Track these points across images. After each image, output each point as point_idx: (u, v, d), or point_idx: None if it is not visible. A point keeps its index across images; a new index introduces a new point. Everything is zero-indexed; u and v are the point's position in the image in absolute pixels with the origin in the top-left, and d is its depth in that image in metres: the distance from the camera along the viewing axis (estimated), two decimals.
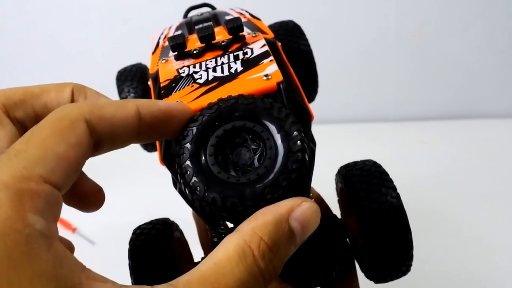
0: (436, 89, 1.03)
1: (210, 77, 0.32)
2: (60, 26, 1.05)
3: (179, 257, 0.37)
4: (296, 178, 0.25)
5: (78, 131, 0.23)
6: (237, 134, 0.27)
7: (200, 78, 0.32)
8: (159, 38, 0.44)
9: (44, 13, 1.04)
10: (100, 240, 0.75)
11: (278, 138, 0.26)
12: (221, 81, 0.31)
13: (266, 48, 0.34)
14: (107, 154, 0.26)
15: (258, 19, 0.43)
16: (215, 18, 0.44)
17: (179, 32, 0.43)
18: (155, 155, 0.36)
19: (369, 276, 0.37)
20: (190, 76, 0.33)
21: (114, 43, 1.04)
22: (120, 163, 0.79)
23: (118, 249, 0.42)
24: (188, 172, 0.26)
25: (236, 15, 0.44)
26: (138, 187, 0.86)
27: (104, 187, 0.31)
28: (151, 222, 0.38)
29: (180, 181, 0.26)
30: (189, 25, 0.44)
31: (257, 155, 0.27)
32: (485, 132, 0.96)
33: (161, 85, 0.33)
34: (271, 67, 0.31)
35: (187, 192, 0.26)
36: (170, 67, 0.35)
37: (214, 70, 0.32)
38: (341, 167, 0.39)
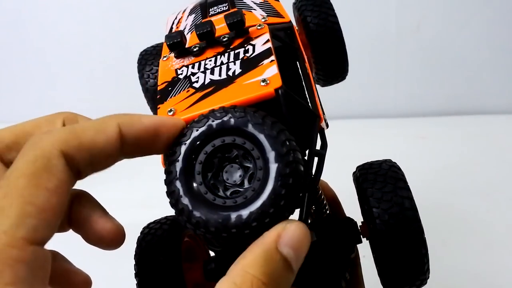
0: (435, 85, 1.03)
1: (207, 81, 0.31)
2: (57, 20, 1.05)
3: (192, 252, 0.36)
4: (285, 204, 0.23)
5: (57, 170, 0.21)
6: (228, 150, 0.26)
7: (197, 82, 0.31)
8: (173, 23, 0.42)
9: (42, 7, 1.04)
10: None
11: (270, 157, 0.24)
12: (217, 85, 0.30)
13: (269, 45, 0.32)
14: None
15: (277, 0, 0.41)
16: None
17: (192, 16, 0.41)
18: None
19: (383, 284, 0.35)
20: (187, 78, 0.32)
21: (112, 36, 1.03)
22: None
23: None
24: (175, 191, 0.25)
25: None
26: (143, 181, 0.85)
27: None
28: (159, 221, 0.36)
29: (169, 200, 0.25)
30: (204, 8, 0.41)
31: (248, 174, 0.25)
32: (484, 128, 0.96)
33: (158, 88, 0.32)
34: (270, 70, 0.29)
35: (175, 211, 0.25)
36: (169, 67, 0.34)
37: (212, 72, 0.31)
38: (356, 168, 0.36)
